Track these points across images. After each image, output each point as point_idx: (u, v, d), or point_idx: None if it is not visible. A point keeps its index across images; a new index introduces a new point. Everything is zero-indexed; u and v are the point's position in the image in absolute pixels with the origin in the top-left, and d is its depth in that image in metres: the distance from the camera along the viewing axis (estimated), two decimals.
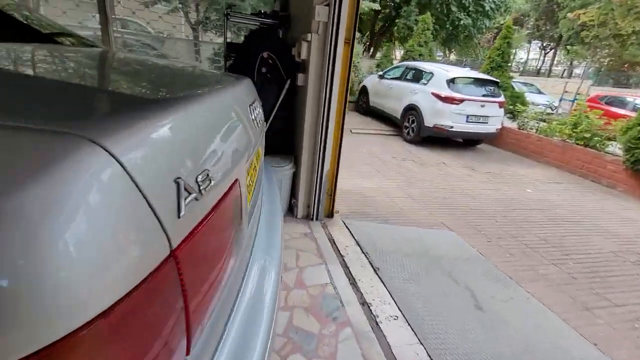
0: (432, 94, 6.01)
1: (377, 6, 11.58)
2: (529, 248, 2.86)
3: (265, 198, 1.32)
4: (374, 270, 2.08)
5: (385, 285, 1.93)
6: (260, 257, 0.95)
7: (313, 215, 2.61)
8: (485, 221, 3.29)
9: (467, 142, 6.82)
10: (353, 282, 1.94)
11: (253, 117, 0.89)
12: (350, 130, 7.00)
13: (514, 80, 9.59)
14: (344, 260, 2.15)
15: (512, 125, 7.06)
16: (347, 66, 2.31)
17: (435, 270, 2.21)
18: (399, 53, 16.73)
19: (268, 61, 2.46)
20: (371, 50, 16.26)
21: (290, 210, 2.71)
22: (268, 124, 2.54)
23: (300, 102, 2.54)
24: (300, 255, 2.16)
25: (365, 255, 2.23)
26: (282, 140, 2.78)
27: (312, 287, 1.85)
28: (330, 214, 2.73)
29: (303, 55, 2.26)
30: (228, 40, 3.20)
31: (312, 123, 2.41)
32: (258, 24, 2.97)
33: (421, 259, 2.31)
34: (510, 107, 7.41)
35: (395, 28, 14.90)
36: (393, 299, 1.82)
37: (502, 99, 6.32)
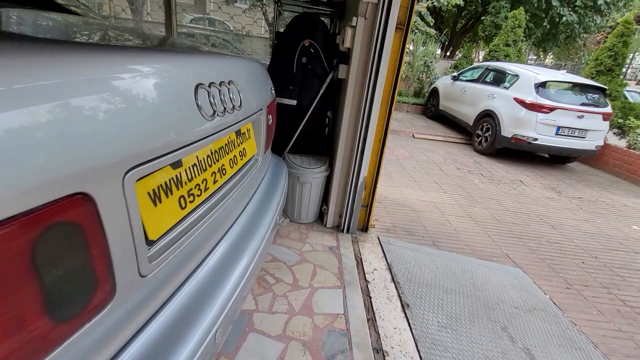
0: (515, 99, 5.16)
1: (460, 1, 10.53)
2: (628, 307, 2.14)
3: (256, 202, 1.07)
4: (403, 306, 1.69)
5: (412, 330, 1.54)
6: (206, 279, 0.70)
7: (344, 226, 2.30)
8: (566, 260, 2.60)
9: (554, 159, 5.75)
10: (372, 319, 1.59)
11: (201, 102, 0.64)
12: (413, 135, 6.45)
13: (627, 89, 7.88)
14: (367, 287, 1.81)
15: (620, 142, 5.73)
16: (398, 57, 1.94)
17: (485, 319, 1.73)
18: (482, 55, 15.17)
19: (309, 50, 2.21)
20: (449, 51, 15.03)
21: (321, 217, 2.43)
22: (305, 120, 2.30)
23: (340, 98, 2.25)
24: (317, 272, 1.87)
25: (395, 285, 1.85)
26: (321, 139, 2.52)
27: (319, 316, 1.56)
28: (364, 228, 2.38)
29: (347, 44, 1.96)
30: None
31: (350, 121, 2.10)
32: (311, 11, 2.75)
33: (469, 301, 1.84)
34: (620, 120, 6.04)
35: (481, 26, 13.49)
36: (419, 351, 1.43)
37: (608, 109, 5.14)
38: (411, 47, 10.24)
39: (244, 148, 0.97)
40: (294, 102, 2.31)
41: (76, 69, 0.40)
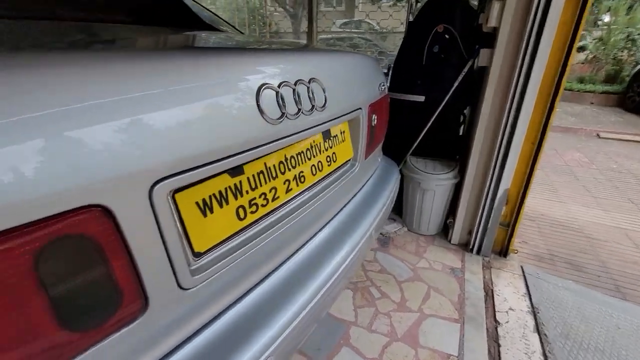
0: None
1: None
2: None
3: (349, 212, 0.97)
4: None
5: None
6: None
7: (473, 246, 1.90)
8: None
9: None
10: None
11: (265, 104, 0.58)
12: (597, 134, 4.89)
13: None
14: (496, 330, 1.42)
15: None
16: (571, 30, 1.42)
17: None
18: None
19: (444, 36, 1.90)
20: None
21: (445, 231, 2.10)
22: (433, 118, 2.02)
23: (480, 90, 1.85)
24: (431, 295, 1.61)
25: (541, 338, 1.38)
26: (452, 141, 2.17)
27: (425, 351, 1.31)
28: (502, 251, 1.91)
29: (492, 22, 1.57)
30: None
31: (490, 119, 1.69)
32: None
33: None
34: None
35: None
36: None
37: None
38: (606, 19, 7.76)
39: (333, 153, 0.87)
40: (421, 99, 2.06)
41: (97, 73, 0.39)
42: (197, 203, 0.51)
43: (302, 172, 0.75)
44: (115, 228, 0.39)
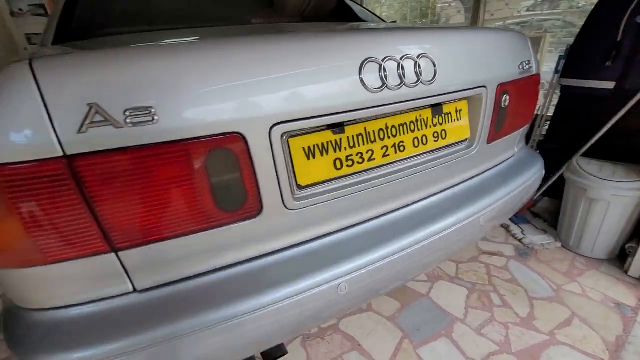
0: None
1: None
2: None
3: (455, 195, 0.97)
4: None
5: None
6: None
7: None
8: None
9: None
10: None
11: (367, 74, 0.68)
12: None
13: None
14: None
15: None
16: None
17: None
18: None
19: None
20: None
21: (621, 258, 1.61)
22: (626, 109, 1.57)
23: None
24: (573, 323, 1.31)
25: None
26: None
27: None
28: None
29: None
30: None
31: None
32: None
33: None
34: None
35: None
36: None
37: None
38: None
39: (443, 130, 0.88)
40: (609, 85, 1.63)
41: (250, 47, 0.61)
42: (303, 148, 0.69)
43: (402, 142, 0.82)
44: (247, 150, 0.61)
